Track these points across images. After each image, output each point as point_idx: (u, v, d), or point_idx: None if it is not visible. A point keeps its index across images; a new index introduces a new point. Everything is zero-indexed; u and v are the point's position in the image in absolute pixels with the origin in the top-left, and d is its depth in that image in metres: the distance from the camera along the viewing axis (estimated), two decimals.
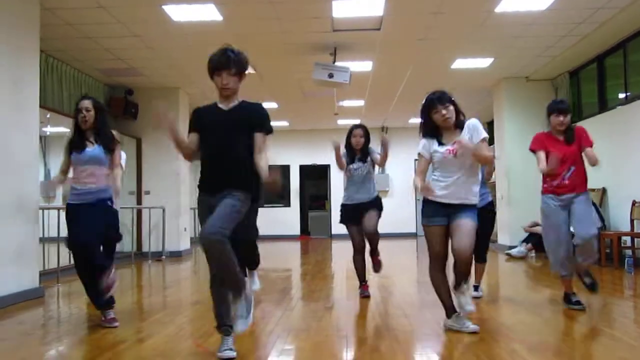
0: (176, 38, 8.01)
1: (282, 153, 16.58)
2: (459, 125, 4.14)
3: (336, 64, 8.72)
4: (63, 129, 9.25)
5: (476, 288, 5.63)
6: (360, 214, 5.66)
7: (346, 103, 13.13)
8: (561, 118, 4.91)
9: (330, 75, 8.50)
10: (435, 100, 4.09)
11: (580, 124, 10.15)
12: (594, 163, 4.84)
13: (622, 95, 8.96)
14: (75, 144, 4.62)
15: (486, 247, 5.67)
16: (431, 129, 4.17)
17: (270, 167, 3.49)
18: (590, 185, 5.17)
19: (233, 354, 3.43)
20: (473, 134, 4.07)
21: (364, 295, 5.76)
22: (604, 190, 9.13)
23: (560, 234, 4.89)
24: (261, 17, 7.36)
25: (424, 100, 4.18)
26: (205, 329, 4.33)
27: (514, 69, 10.29)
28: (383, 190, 17.51)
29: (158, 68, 9.63)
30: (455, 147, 4.04)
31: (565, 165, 4.82)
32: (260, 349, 3.87)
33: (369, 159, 5.76)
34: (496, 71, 10.39)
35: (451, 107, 4.07)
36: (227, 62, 3.51)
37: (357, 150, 5.77)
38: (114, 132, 4.93)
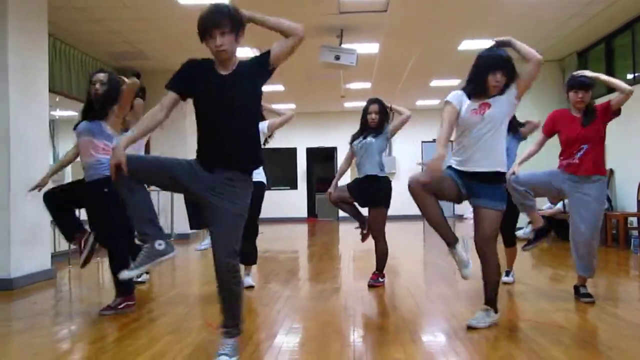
0: (183, 21, 8.00)
1: (289, 135, 16.59)
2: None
3: (343, 46, 8.72)
4: (72, 112, 9.32)
5: (507, 273, 5.45)
6: (367, 191, 5.39)
7: (353, 85, 13.12)
8: (580, 95, 4.51)
9: (337, 58, 8.50)
10: (496, 63, 3.77)
11: None
12: (622, 90, 4.49)
13: (630, 76, 8.92)
14: None
15: (513, 230, 5.44)
16: (476, 87, 3.82)
17: None
18: None
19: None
20: (509, 91, 3.77)
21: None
22: (611, 171, 9.13)
23: (536, 175, 4.65)
24: None
25: (482, 57, 3.89)
26: (216, 308, 4.39)
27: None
28: (390, 172, 17.54)
29: (165, 51, 9.64)
30: (484, 108, 3.72)
31: (576, 146, 4.50)
32: (269, 327, 3.94)
33: (383, 133, 5.45)
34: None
35: (502, 77, 3.74)
36: (219, 19, 2.97)
37: (372, 129, 5.45)
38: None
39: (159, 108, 3.05)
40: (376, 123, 5.44)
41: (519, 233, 10.02)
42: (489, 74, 3.74)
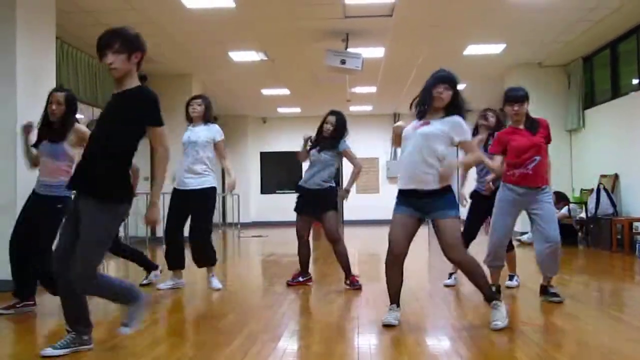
0: (189, 25, 8.06)
1: (294, 139, 16.61)
2: (448, 113, 3.96)
3: (348, 50, 8.74)
4: (79, 115, 9.35)
5: (511, 277, 5.53)
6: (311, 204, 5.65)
7: (358, 89, 13.14)
8: (516, 107, 4.62)
9: (343, 62, 8.52)
10: (439, 79, 3.98)
11: (593, 110, 10.17)
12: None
13: (635, 81, 8.91)
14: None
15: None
16: (424, 106, 3.99)
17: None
18: (602, 172, 5.11)
19: None
20: (453, 131, 3.89)
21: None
22: (616, 176, 9.11)
23: (507, 226, 4.76)
24: (273, 3, 7.40)
25: (430, 78, 4.04)
26: (223, 310, 4.43)
27: (527, 55, 10.25)
28: (395, 177, 17.52)
29: (171, 55, 9.67)
30: (422, 125, 3.93)
31: (528, 155, 4.56)
32: (273, 329, 3.95)
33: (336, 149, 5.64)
34: (509, 57, 10.35)
35: (449, 92, 3.93)
36: (109, 39, 3.25)
37: (326, 139, 5.65)
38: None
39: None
40: (329, 134, 5.63)
41: (523, 238, 10.03)
42: (432, 89, 3.96)
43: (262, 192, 18.01)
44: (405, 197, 3.98)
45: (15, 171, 5.80)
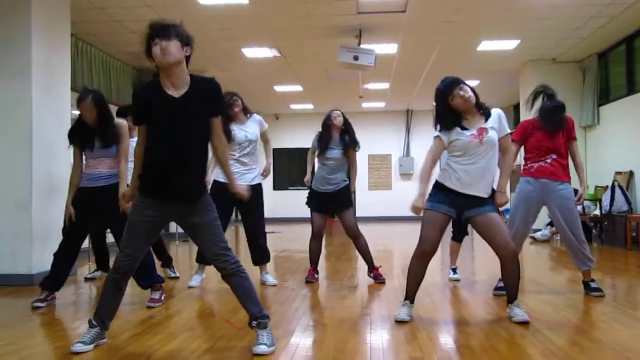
0: (203, 21, 8.09)
1: (307, 135, 16.62)
2: (481, 110, 3.92)
3: (361, 46, 8.73)
4: None
5: (454, 270, 5.84)
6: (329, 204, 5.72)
7: (371, 86, 13.13)
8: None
9: (355, 58, 8.52)
10: (450, 85, 3.88)
11: (608, 106, 10.08)
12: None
13: None
14: None
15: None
16: (452, 119, 3.89)
17: None
18: (617, 168, 5.14)
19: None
20: (499, 125, 3.91)
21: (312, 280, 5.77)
22: (631, 173, 9.03)
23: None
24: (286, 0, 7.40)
25: (437, 90, 3.94)
26: (233, 306, 4.44)
27: (541, 50, 10.19)
28: (407, 174, 17.51)
29: None
30: (482, 133, 3.85)
31: (548, 153, 4.77)
32: (286, 325, 3.97)
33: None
34: (523, 53, 10.30)
35: (467, 87, 3.87)
36: (164, 28, 3.18)
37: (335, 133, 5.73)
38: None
39: None
40: (339, 127, 5.72)
41: (536, 235, 9.98)
42: (449, 97, 3.86)
43: (275, 188, 18.05)
44: (446, 194, 3.92)
45: (30, 167, 5.86)
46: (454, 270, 5.78)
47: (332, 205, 5.70)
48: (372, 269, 5.73)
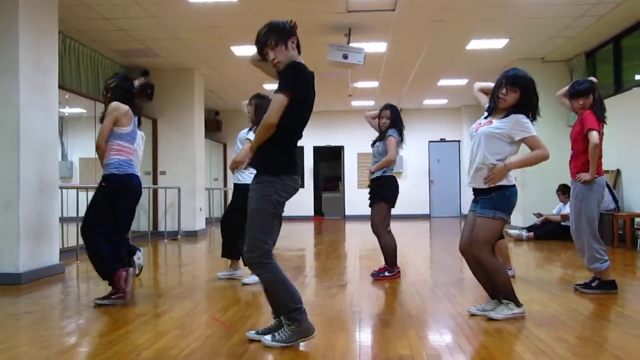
0: (192, 19, 8.05)
1: None
2: (510, 112, 3.94)
3: (350, 44, 8.73)
4: (80, 109, 9.38)
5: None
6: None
7: (360, 84, 13.13)
8: (581, 102, 5.03)
9: (345, 56, 8.51)
10: (502, 78, 3.99)
11: None
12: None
13: (638, 77, 8.91)
14: None
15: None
16: (492, 104, 4.04)
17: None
18: (604, 167, 5.23)
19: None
20: (512, 130, 3.87)
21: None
22: (618, 172, 9.11)
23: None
24: None
25: (503, 73, 4.02)
26: (222, 304, 4.44)
27: (529, 50, 10.24)
28: (397, 172, 17.53)
29: (174, 49, 9.67)
30: (484, 125, 3.97)
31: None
32: None
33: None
34: (511, 52, 10.35)
35: (515, 94, 3.90)
36: (265, 37, 3.43)
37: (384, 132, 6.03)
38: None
39: None
40: (385, 127, 6.00)
41: (511, 231, 10.03)
42: (497, 90, 3.98)
43: None
44: (474, 195, 4.10)
45: (18, 164, 5.82)
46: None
47: (371, 195, 5.95)
48: (391, 267, 5.83)
